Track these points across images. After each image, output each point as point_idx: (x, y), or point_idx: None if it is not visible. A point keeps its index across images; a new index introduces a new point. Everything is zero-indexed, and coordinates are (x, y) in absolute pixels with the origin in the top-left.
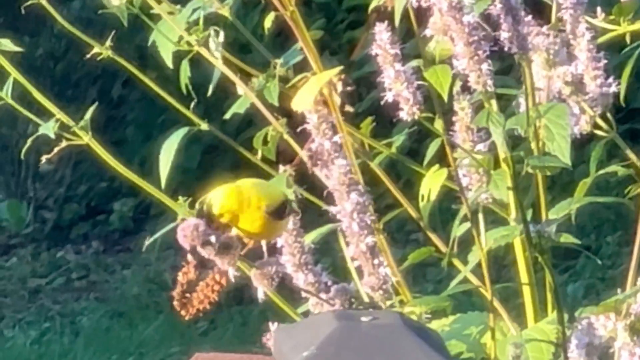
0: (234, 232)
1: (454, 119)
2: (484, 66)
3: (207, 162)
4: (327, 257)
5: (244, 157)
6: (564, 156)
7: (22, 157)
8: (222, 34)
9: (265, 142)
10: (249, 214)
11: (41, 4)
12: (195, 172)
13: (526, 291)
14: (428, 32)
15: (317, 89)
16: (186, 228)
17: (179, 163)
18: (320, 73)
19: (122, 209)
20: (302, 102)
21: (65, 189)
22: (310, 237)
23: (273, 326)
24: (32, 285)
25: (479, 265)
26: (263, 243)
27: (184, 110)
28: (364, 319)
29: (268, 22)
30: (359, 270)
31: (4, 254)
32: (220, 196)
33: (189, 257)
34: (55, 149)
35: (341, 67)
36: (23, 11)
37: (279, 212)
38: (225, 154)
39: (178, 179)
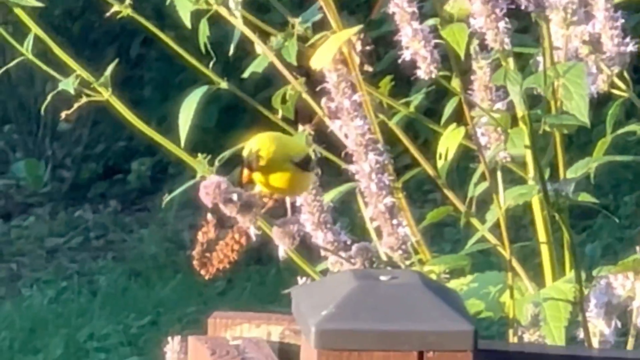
0: (256, 189)
1: (472, 77)
2: (501, 24)
3: (224, 122)
4: (345, 216)
5: (262, 117)
6: (583, 115)
7: (41, 113)
8: None
9: (284, 101)
10: (278, 164)
11: None
12: (213, 132)
13: (544, 250)
14: None
15: (336, 47)
16: (209, 186)
17: (197, 122)
18: (339, 32)
19: (140, 169)
20: (321, 59)
21: (83, 148)
22: (330, 196)
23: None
24: (49, 245)
25: (496, 225)
26: (287, 200)
27: (203, 69)
28: (382, 278)
29: None
30: (378, 230)
31: (22, 213)
32: (261, 141)
33: (209, 216)
34: (75, 105)
35: (361, 26)
36: None
37: (304, 163)
38: (243, 114)
39: (196, 139)
